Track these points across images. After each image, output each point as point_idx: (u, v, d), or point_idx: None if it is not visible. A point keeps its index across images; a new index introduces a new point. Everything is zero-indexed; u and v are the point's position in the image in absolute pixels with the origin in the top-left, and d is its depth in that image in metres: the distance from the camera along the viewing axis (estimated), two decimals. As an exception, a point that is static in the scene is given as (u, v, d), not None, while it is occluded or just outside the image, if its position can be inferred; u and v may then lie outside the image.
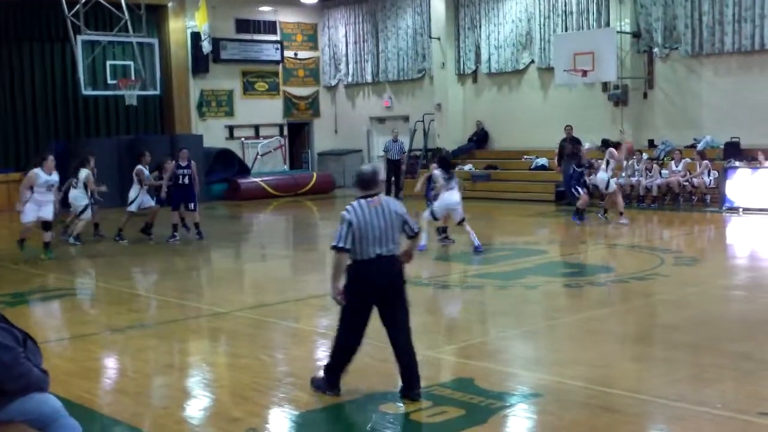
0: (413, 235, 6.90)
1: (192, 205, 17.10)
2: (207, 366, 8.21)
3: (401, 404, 6.59)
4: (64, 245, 16.41)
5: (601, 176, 17.86)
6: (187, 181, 16.99)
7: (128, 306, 10.97)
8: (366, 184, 6.80)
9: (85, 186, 16.61)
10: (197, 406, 6.98)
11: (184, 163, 17.16)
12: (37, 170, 14.54)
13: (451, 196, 14.51)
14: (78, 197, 16.60)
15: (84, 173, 16.68)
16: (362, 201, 6.69)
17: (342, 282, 6.74)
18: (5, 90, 26.21)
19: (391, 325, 6.86)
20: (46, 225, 14.77)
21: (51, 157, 14.83)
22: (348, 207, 6.69)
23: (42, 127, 26.72)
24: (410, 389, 6.68)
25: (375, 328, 9.46)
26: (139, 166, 17.40)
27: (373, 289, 6.72)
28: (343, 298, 6.76)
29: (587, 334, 8.77)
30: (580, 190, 18.07)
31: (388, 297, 6.79)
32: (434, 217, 14.84)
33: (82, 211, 16.67)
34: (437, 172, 14.72)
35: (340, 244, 6.55)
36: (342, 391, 6.85)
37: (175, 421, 6.48)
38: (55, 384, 5.25)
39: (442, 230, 15.55)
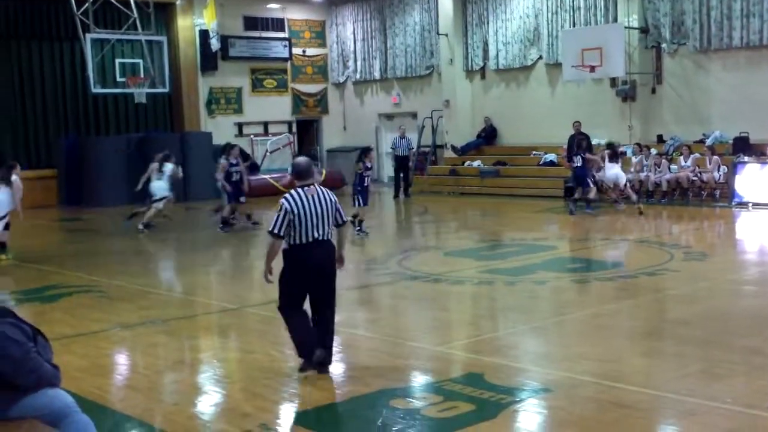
0: (342, 224, 7.45)
1: (243, 198, 18.20)
2: (218, 362, 8.24)
3: (412, 399, 6.61)
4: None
5: (615, 172, 18.85)
6: (237, 177, 17.96)
7: (138, 303, 11.00)
8: (302, 174, 7.34)
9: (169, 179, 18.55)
10: (208, 401, 7.01)
11: (234, 161, 18.05)
12: None
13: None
14: (161, 188, 18.40)
15: (170, 167, 18.67)
16: (300, 190, 7.24)
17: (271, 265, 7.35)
18: (15, 88, 26.31)
19: (320, 302, 7.38)
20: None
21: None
22: (286, 195, 7.23)
23: (52, 125, 26.82)
24: (323, 364, 7.31)
25: (382, 324, 9.52)
26: (223, 160, 18.31)
27: (309, 269, 7.23)
28: (269, 277, 7.39)
29: (597, 330, 8.77)
30: (590, 182, 18.91)
31: (321, 277, 7.30)
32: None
33: (158, 200, 18.28)
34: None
35: (275, 230, 7.13)
36: (342, 383, 6.88)
37: (186, 417, 6.52)
38: (67, 380, 5.28)
39: (359, 223, 16.55)
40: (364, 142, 30.32)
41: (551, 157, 23.57)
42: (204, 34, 27.73)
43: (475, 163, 25.35)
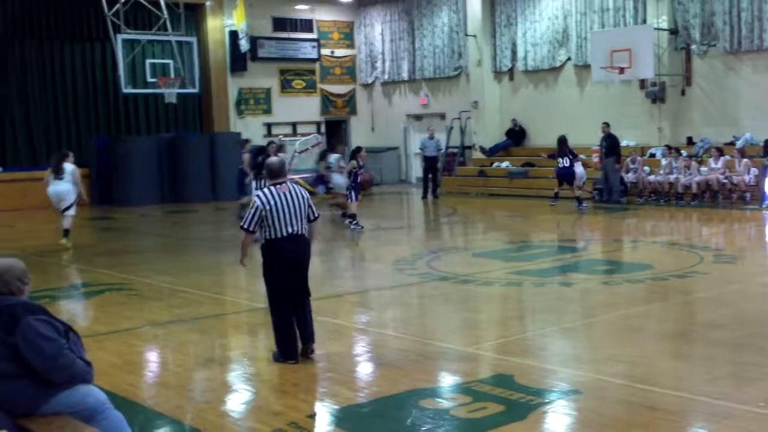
0: (313, 219, 7.90)
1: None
2: (247, 360, 8.29)
3: (441, 400, 6.63)
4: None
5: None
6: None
7: (169, 301, 11.10)
8: (275, 173, 7.79)
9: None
10: (239, 399, 7.06)
11: (362, 163, 18.77)
12: None
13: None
14: (340, 181, 19.24)
15: (334, 158, 19.75)
16: (272, 188, 7.69)
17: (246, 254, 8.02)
18: (47, 89, 26.62)
19: (297, 295, 7.83)
20: None
21: None
22: (258, 193, 7.74)
23: (83, 125, 27.11)
24: (308, 349, 7.84)
25: (411, 324, 9.54)
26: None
27: (285, 262, 7.69)
28: (244, 263, 8.13)
29: (626, 332, 8.74)
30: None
31: (296, 269, 7.78)
32: None
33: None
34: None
35: (246, 226, 7.69)
36: (371, 383, 6.92)
37: (217, 415, 6.56)
38: (99, 376, 5.33)
39: (351, 216, 17.71)
40: (392, 143, 30.56)
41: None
42: (233, 35, 27.89)
43: (504, 164, 25.32)
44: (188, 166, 25.62)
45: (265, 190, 7.72)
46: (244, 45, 27.29)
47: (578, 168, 20.94)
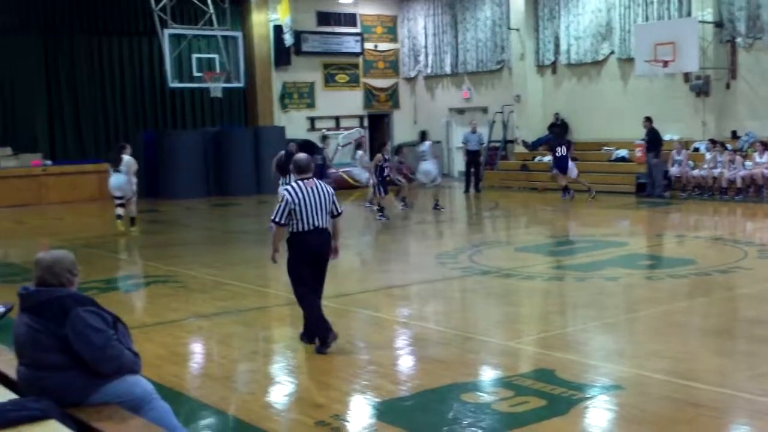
0: (337, 215, 8.15)
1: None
2: (291, 353, 8.37)
3: (482, 394, 6.67)
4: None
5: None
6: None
7: (213, 293, 11.22)
8: (302, 169, 8.08)
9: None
10: (282, 391, 7.15)
11: (402, 159, 20.56)
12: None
13: None
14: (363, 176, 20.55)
15: (359, 153, 21.23)
16: (300, 182, 7.96)
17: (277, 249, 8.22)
18: (95, 83, 27.00)
19: (317, 283, 8.19)
20: None
21: None
22: (287, 188, 7.99)
23: (130, 119, 27.46)
24: (326, 344, 7.95)
25: (453, 318, 9.58)
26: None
27: (309, 253, 7.99)
28: (275, 258, 8.28)
29: (669, 327, 8.70)
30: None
31: (318, 261, 8.10)
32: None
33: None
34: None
35: (277, 219, 7.90)
36: (413, 376, 6.97)
37: (261, 406, 6.65)
38: (145, 367, 5.39)
39: (380, 209, 18.40)
40: (435, 137, 30.47)
41: (623, 152, 23.35)
42: (278, 30, 28.06)
43: (546, 159, 25.20)
44: (233, 160, 25.82)
45: (293, 184, 8.00)
46: (288, 39, 27.44)
47: (570, 161, 21.72)
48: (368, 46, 31.14)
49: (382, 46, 31.67)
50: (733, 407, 6.29)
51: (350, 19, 30.68)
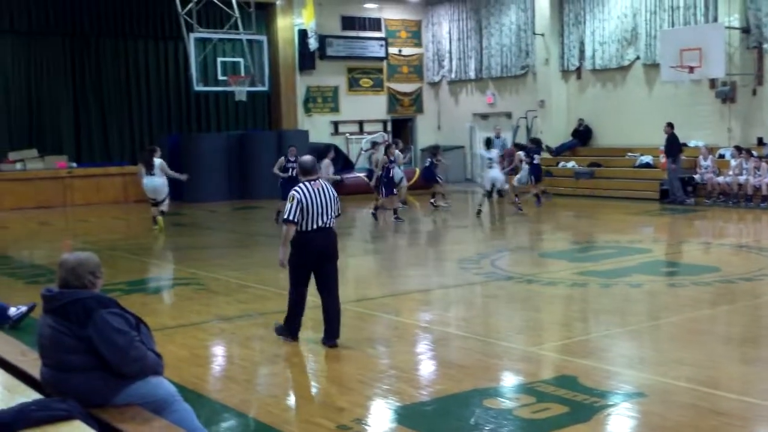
0: (337, 216, 8.43)
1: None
2: (312, 356, 8.39)
3: (504, 399, 6.65)
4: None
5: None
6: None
7: (236, 296, 11.26)
8: (308, 171, 8.36)
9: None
10: (303, 395, 7.18)
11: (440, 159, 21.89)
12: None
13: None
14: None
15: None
16: (307, 184, 8.23)
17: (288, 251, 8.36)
18: (121, 86, 27.18)
19: (324, 283, 8.37)
20: None
21: None
22: (296, 188, 8.22)
23: (155, 122, 27.63)
24: (331, 338, 8.32)
25: (475, 323, 9.56)
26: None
27: (313, 253, 8.24)
28: (285, 264, 8.45)
29: (692, 335, 8.66)
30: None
31: (324, 260, 8.30)
32: None
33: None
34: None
35: (290, 218, 8.11)
36: (434, 381, 6.96)
37: (282, 409, 6.68)
38: (167, 369, 5.40)
39: (376, 207, 18.89)
40: (458, 142, 30.51)
41: (647, 158, 23.24)
42: (302, 34, 28.12)
43: (570, 164, 25.15)
44: (256, 163, 25.87)
45: (301, 185, 8.24)
46: (312, 43, 27.50)
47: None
48: (392, 50, 31.17)
49: (407, 50, 31.69)
50: (757, 416, 6.25)
51: (375, 24, 30.73)
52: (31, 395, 4.88)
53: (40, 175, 24.79)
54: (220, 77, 25.24)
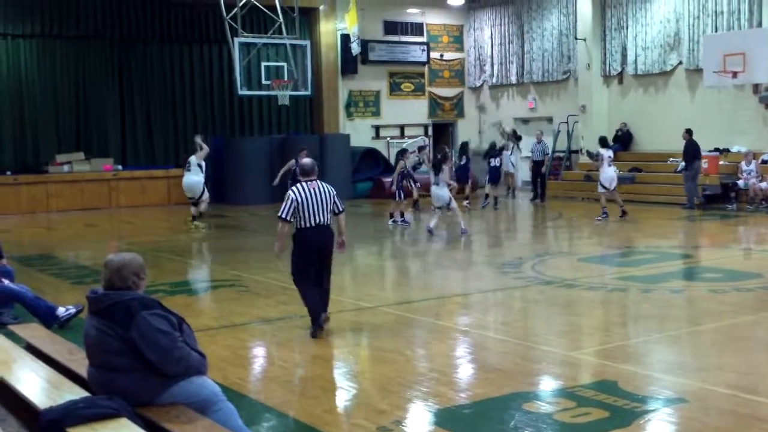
0: (338, 212, 9.12)
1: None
2: (353, 358, 8.48)
3: (544, 404, 6.68)
4: None
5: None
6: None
7: (277, 298, 11.35)
8: (306, 172, 9.08)
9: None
10: (344, 396, 7.23)
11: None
12: None
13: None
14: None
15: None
16: (303, 184, 8.93)
17: (283, 244, 9.15)
18: (166, 90, 27.53)
19: (321, 276, 9.11)
20: None
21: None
22: (293, 188, 8.95)
23: (200, 125, 27.82)
24: (318, 324, 8.98)
25: (514, 327, 9.58)
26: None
27: (311, 248, 8.94)
28: (279, 254, 9.31)
29: (734, 341, 8.61)
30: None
31: (321, 255, 9.02)
32: None
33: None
34: None
35: (283, 216, 8.86)
36: (474, 384, 6.99)
37: (323, 410, 6.73)
38: (210, 370, 5.47)
39: (391, 215, 19.57)
40: (499, 147, 30.40)
41: (689, 164, 23.04)
42: (345, 39, 28.26)
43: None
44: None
45: (298, 185, 8.96)
46: (355, 48, 27.63)
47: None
48: (434, 55, 31.21)
49: (448, 55, 31.71)
50: (799, 423, 6.21)
51: (417, 29, 30.80)
52: (79, 393, 5.00)
53: (87, 178, 25.19)
54: (264, 81, 25.40)
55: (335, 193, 9.08)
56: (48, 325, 9.17)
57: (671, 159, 23.92)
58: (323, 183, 9.03)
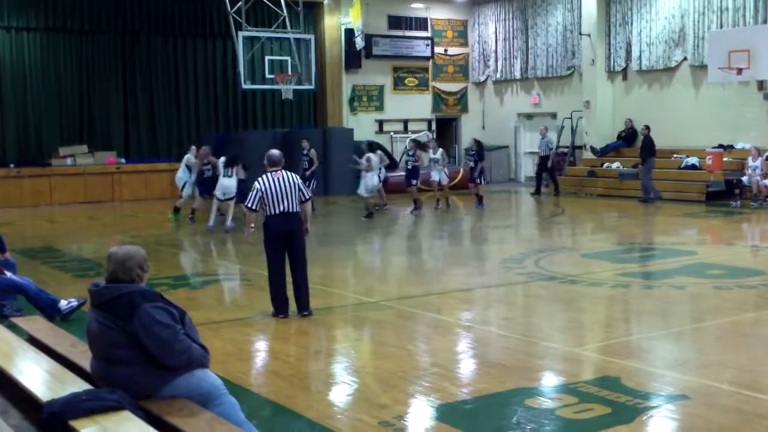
0: (305, 200, 9.64)
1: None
2: (354, 353, 8.47)
3: (546, 399, 6.67)
4: None
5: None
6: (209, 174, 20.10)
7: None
8: (273, 162, 9.56)
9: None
10: (346, 391, 7.22)
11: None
12: None
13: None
14: (373, 181, 20.52)
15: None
16: (269, 174, 9.47)
17: (252, 229, 9.83)
18: (170, 83, 27.52)
19: (292, 260, 9.62)
20: None
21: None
22: (258, 179, 9.47)
23: (203, 119, 27.92)
24: (304, 309, 9.63)
25: (517, 322, 9.57)
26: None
27: (277, 233, 9.49)
28: (248, 238, 9.92)
29: (737, 338, 8.60)
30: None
31: (289, 240, 9.54)
32: None
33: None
34: None
35: (248, 204, 9.47)
36: (476, 379, 6.99)
37: (326, 405, 6.74)
38: (213, 363, 5.45)
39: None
40: (503, 142, 30.47)
41: (693, 160, 23.03)
42: (349, 33, 28.25)
43: (614, 165, 25.00)
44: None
45: (264, 176, 9.47)
46: (359, 43, 27.61)
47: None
48: (438, 50, 31.17)
49: (452, 50, 31.66)
50: (802, 421, 6.20)
51: (421, 23, 30.76)
52: (81, 385, 4.99)
53: (90, 171, 25.21)
54: (268, 75, 25.35)
55: (300, 182, 9.61)
56: (50, 317, 9.17)
57: (675, 155, 23.89)
58: (289, 172, 9.59)
